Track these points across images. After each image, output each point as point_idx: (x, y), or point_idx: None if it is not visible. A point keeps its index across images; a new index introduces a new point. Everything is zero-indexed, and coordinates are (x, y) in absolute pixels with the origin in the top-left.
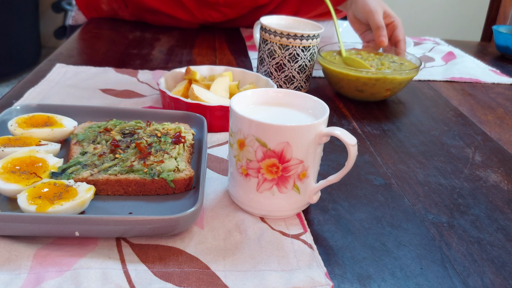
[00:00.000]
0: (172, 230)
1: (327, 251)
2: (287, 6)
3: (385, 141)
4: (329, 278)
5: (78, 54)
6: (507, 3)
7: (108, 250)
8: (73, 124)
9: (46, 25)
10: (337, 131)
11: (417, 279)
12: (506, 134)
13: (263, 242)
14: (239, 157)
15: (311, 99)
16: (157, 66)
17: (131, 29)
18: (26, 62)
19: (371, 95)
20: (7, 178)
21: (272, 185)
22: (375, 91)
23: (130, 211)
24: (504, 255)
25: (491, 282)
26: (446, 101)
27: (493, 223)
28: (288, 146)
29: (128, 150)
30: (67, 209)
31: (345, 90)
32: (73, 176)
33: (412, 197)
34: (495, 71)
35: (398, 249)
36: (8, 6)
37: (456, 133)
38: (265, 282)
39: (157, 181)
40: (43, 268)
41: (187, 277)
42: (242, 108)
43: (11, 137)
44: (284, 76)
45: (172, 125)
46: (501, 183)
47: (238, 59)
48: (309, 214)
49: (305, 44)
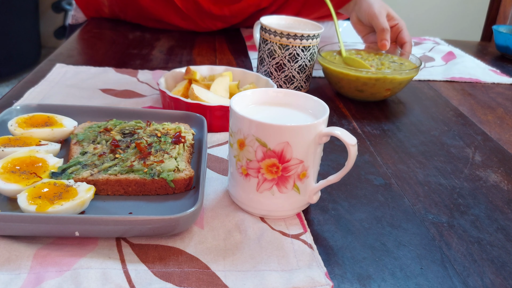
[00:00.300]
0: (172, 230)
1: (327, 251)
2: (288, 8)
3: (385, 141)
4: (329, 278)
5: (78, 54)
6: (507, 3)
7: (108, 250)
8: (73, 124)
9: (46, 25)
10: (337, 131)
11: (417, 279)
12: (506, 134)
13: (263, 242)
14: (239, 157)
15: (311, 99)
16: (157, 66)
17: (131, 29)
18: (26, 62)
19: (371, 95)
20: (7, 178)
21: (272, 185)
22: (375, 91)
23: (130, 211)
24: (504, 255)
25: (491, 282)
26: (446, 101)
27: (493, 223)
28: (288, 146)
29: (128, 150)
30: (67, 209)
31: (345, 90)
32: (73, 176)
33: (412, 197)
34: (495, 71)
35: (398, 249)
36: (8, 6)
37: (456, 133)
38: (265, 282)
39: (157, 181)
40: (43, 268)
41: (187, 277)
42: (242, 108)
43: (11, 137)
44: (284, 76)
45: (172, 125)
46: (501, 183)
47: (238, 59)
48: (309, 214)
49: (305, 44)
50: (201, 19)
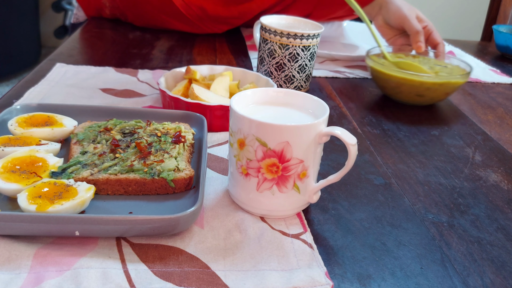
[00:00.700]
0: (172, 229)
1: (327, 251)
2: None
3: (385, 141)
4: (329, 278)
5: (78, 53)
6: (507, 2)
7: (108, 250)
8: (73, 124)
9: (46, 24)
10: (337, 130)
11: (417, 278)
12: (506, 134)
13: (263, 241)
14: (239, 157)
15: (311, 99)
16: (157, 66)
17: (131, 28)
18: (26, 62)
19: (430, 99)
20: (7, 177)
21: (272, 185)
22: (435, 95)
23: (130, 211)
24: (504, 254)
25: (491, 282)
26: (446, 100)
27: (493, 222)
28: (288, 145)
29: (128, 149)
30: (67, 209)
31: (403, 95)
32: (73, 175)
33: (412, 197)
34: (495, 71)
35: (398, 249)
36: (8, 5)
37: (456, 132)
38: (265, 281)
39: (157, 180)
40: (43, 268)
41: (187, 277)
42: (242, 108)
43: (11, 137)
44: (284, 76)
45: (172, 125)
46: (501, 183)
47: (238, 59)
48: (309, 213)
49: (305, 44)
50: (205, 24)
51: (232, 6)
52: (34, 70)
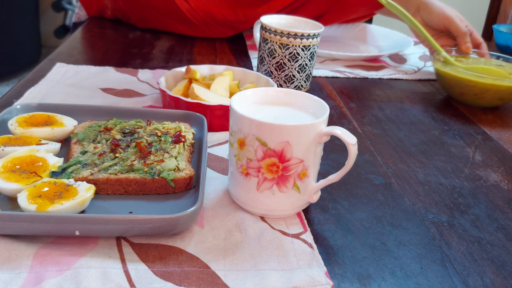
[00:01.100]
0: (172, 229)
1: (327, 251)
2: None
3: (385, 141)
4: (329, 278)
5: (79, 53)
6: (507, 2)
7: (108, 249)
8: (73, 123)
9: (46, 24)
10: (337, 130)
11: (417, 278)
12: (506, 134)
13: (263, 241)
14: (239, 157)
15: (311, 99)
16: (157, 65)
17: (131, 28)
18: (26, 61)
19: (508, 102)
20: (7, 177)
21: (272, 185)
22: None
23: (130, 211)
24: (504, 254)
25: (491, 282)
26: (447, 100)
27: (493, 222)
28: (288, 145)
29: (128, 149)
30: (67, 208)
31: (487, 100)
32: (73, 175)
33: (412, 197)
34: None
35: (398, 249)
36: (8, 5)
37: (456, 132)
38: (265, 281)
39: (157, 180)
40: (43, 267)
41: (187, 277)
42: (242, 108)
43: (11, 136)
44: (284, 76)
45: (172, 124)
46: (501, 183)
47: (239, 59)
48: (309, 213)
49: (305, 43)
50: (210, 28)
51: (238, 9)
52: (34, 70)
